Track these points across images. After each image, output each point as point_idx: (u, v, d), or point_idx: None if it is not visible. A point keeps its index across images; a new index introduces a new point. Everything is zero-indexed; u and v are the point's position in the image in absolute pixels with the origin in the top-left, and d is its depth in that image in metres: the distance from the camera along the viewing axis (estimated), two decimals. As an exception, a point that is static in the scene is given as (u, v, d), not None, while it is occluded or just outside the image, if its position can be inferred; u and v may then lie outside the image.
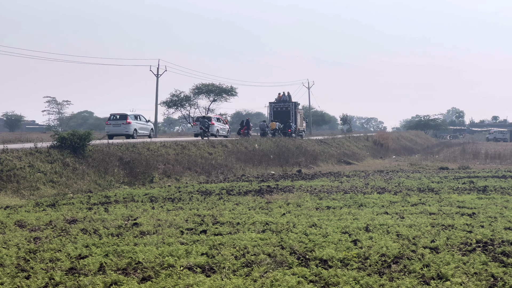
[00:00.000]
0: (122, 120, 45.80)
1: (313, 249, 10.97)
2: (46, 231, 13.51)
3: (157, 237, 12.44)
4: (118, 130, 45.67)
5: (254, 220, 14.62)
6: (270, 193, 22.15)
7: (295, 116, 64.36)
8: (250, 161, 39.59)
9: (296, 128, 63.46)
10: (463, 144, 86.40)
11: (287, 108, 64.29)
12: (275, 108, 64.92)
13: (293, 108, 64.40)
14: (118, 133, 45.65)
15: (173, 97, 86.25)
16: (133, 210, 17.16)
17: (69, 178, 25.30)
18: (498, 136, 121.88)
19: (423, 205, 17.83)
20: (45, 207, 18.55)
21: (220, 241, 11.82)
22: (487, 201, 18.83)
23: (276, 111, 64.67)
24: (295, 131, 62.81)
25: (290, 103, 64.79)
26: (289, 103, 64.78)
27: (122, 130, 45.57)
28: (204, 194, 21.94)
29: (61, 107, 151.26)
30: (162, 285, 8.81)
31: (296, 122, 64.26)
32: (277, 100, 65.79)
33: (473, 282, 8.87)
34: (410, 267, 9.63)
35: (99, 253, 10.83)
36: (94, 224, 14.47)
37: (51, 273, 9.43)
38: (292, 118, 63.60)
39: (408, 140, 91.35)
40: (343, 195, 20.85)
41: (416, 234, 12.45)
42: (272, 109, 65.37)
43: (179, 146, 37.06)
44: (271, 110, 65.66)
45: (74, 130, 30.58)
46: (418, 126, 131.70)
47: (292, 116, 63.84)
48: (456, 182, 26.72)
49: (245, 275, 9.34)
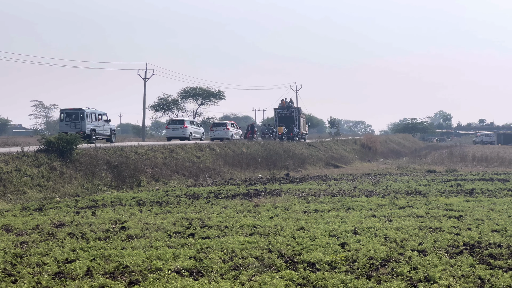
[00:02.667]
0: (180, 125, 51.04)
1: (301, 252, 10.98)
2: (33, 235, 13.45)
3: (144, 240, 12.41)
4: (177, 133, 50.54)
5: (242, 224, 14.61)
6: (258, 196, 22.14)
7: (299, 120, 67.57)
8: (238, 165, 39.58)
9: (300, 132, 66.90)
10: (451, 147, 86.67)
11: (291, 113, 67.66)
12: (280, 114, 68.15)
13: (296, 113, 67.73)
14: (176, 136, 50.28)
15: (160, 100, 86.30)
16: (121, 214, 17.11)
17: (56, 182, 25.20)
18: (485, 139, 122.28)
19: (411, 208, 17.87)
20: (32, 211, 18.47)
21: (208, 245, 11.81)
22: (474, 203, 18.90)
23: (281, 116, 67.87)
24: (299, 134, 66.20)
25: (293, 109, 68.71)
26: (293, 109, 68.67)
27: (180, 133, 50.37)
28: (192, 198, 21.91)
29: (49, 111, 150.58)
30: (149, 289, 8.79)
31: (300, 126, 67.49)
32: (281, 106, 69.21)
33: (460, 284, 8.90)
34: (397, 269, 9.65)
35: (86, 257, 10.79)
36: (82, 228, 14.42)
37: (38, 278, 9.38)
38: (296, 123, 66.81)
39: (396, 143, 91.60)
40: (331, 198, 20.87)
41: (404, 237, 12.48)
42: (277, 114, 68.35)
43: (167, 150, 37.02)
44: (276, 116, 68.59)
45: (62, 134, 30.47)
46: (405, 129, 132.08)
47: (296, 121, 67.05)
48: (443, 185, 26.81)
49: (233, 279, 9.33)
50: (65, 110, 43.14)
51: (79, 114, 41.91)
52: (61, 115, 43.02)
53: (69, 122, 41.95)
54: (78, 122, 41.61)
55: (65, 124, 41.94)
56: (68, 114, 42.47)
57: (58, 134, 30.14)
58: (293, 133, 64.44)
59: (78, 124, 41.53)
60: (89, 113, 42.88)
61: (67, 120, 42.14)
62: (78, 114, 41.93)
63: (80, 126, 41.49)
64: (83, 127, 41.48)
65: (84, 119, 41.73)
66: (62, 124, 42.24)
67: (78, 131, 40.09)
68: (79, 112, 42.03)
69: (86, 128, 41.65)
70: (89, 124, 42.37)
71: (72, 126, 41.54)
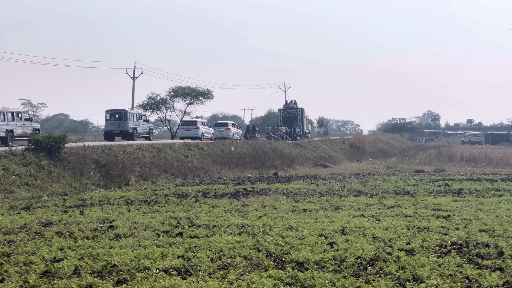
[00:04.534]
0: (193, 125, 53.34)
1: (289, 252, 10.98)
2: (20, 234, 13.40)
3: (133, 239, 12.39)
4: (189, 133, 52.41)
5: (230, 223, 14.61)
6: (246, 196, 22.14)
7: (302, 120, 73.20)
8: (227, 164, 39.59)
9: (303, 131, 72.54)
10: (439, 147, 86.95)
11: (295, 114, 73.43)
12: (284, 114, 74.06)
13: (299, 114, 73.38)
14: (189, 136, 51.74)
15: (149, 100, 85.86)
16: (109, 213, 17.07)
17: (44, 181, 25.12)
18: (473, 139, 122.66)
19: (399, 207, 17.91)
20: (19, 210, 18.41)
21: (196, 244, 11.80)
22: (462, 203, 18.96)
23: (285, 116, 73.65)
24: (301, 133, 71.43)
25: (297, 109, 73.99)
26: (297, 109, 73.99)
27: (192, 134, 52.20)
28: (180, 197, 21.89)
29: (36, 110, 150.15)
30: None
31: (303, 126, 73.25)
32: (285, 107, 75.02)
33: (448, 284, 8.92)
34: (386, 269, 9.67)
35: (74, 256, 10.75)
36: (69, 227, 14.38)
37: (26, 277, 9.35)
38: (299, 123, 72.40)
39: (384, 143, 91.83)
40: (319, 198, 20.89)
41: (392, 237, 12.51)
42: (281, 115, 74.47)
43: (155, 149, 36.98)
44: (280, 116, 74.69)
45: (50, 133, 30.37)
46: (394, 129, 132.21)
47: (299, 121, 72.63)
48: (431, 185, 26.88)
49: (221, 278, 9.32)
50: (110, 111, 47.29)
51: (123, 114, 46.14)
52: (107, 115, 46.90)
53: (114, 121, 46.29)
54: (122, 122, 45.86)
55: (110, 123, 46.44)
56: (112, 114, 46.76)
57: (47, 133, 30.00)
58: (296, 133, 68.84)
59: (122, 123, 45.81)
60: (132, 113, 47.63)
61: (112, 119, 46.48)
62: (122, 114, 46.17)
63: (123, 125, 45.73)
64: (126, 126, 45.69)
65: (127, 119, 45.90)
66: (108, 124, 46.68)
67: (122, 130, 45.73)
68: (123, 113, 46.33)
69: (129, 127, 45.88)
70: (131, 123, 46.54)
71: (117, 125, 46.04)
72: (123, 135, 46.15)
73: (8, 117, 38.58)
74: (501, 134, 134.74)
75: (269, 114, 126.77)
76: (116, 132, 46.51)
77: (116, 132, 46.58)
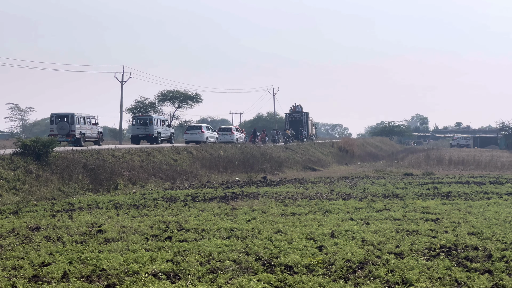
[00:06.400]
0: (198, 130, 54.75)
1: (278, 255, 10.99)
2: (8, 239, 13.35)
3: (121, 244, 12.37)
4: (194, 138, 53.89)
5: (219, 227, 14.62)
6: (235, 199, 22.14)
7: (307, 124, 77.11)
8: (215, 168, 39.55)
9: (308, 134, 76.29)
10: (427, 150, 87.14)
11: (300, 117, 77.03)
12: (290, 118, 77.77)
13: (305, 117, 77.11)
14: (194, 140, 53.63)
15: (138, 103, 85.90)
16: (98, 217, 17.03)
17: (33, 185, 25.03)
18: (462, 142, 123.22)
19: (388, 211, 17.96)
20: (7, 214, 18.33)
21: (185, 248, 11.80)
22: (451, 206, 19.04)
23: (291, 120, 77.45)
24: (307, 136, 75.33)
25: (302, 113, 77.58)
26: (302, 113, 77.57)
27: (197, 138, 53.69)
28: (169, 201, 21.87)
29: (24, 114, 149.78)
30: (126, 292, 8.76)
31: (308, 129, 77.07)
32: (292, 111, 78.73)
33: (437, 287, 8.96)
34: (375, 272, 9.69)
35: (62, 261, 10.73)
36: (58, 231, 14.34)
37: (14, 281, 9.32)
38: (304, 126, 76.20)
39: (373, 147, 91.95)
40: (308, 202, 20.91)
41: (381, 240, 12.54)
42: (287, 118, 78.41)
43: (144, 153, 36.91)
44: (286, 120, 78.72)
45: (38, 137, 30.33)
46: (383, 133, 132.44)
47: (305, 124, 76.46)
48: (420, 188, 26.97)
49: (210, 282, 9.32)
50: (137, 116, 52.73)
51: (148, 120, 50.04)
52: (133, 120, 52.01)
53: (140, 126, 50.07)
54: (147, 127, 49.50)
55: (136, 128, 50.32)
56: (138, 120, 51.17)
57: (35, 137, 29.89)
58: (302, 135, 73.22)
59: (147, 128, 49.43)
60: (156, 119, 51.24)
61: (138, 124, 50.39)
62: (148, 120, 50.09)
63: (149, 129, 49.32)
64: (152, 131, 49.25)
65: (152, 124, 49.43)
66: (134, 128, 50.84)
67: (147, 134, 49.33)
68: (148, 118, 50.47)
69: (154, 131, 49.40)
70: (156, 128, 49.95)
71: (142, 130, 49.72)
72: (149, 139, 49.60)
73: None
74: (489, 137, 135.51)
75: (258, 118, 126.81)
76: (142, 136, 50.00)
77: (142, 136, 49.96)
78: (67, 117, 41.29)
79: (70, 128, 40.66)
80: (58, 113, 42.04)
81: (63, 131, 40.61)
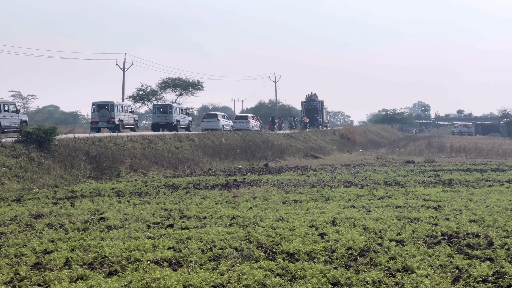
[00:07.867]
0: (214, 118, 57.61)
1: (280, 243, 11.01)
2: (11, 226, 13.38)
3: (123, 231, 12.39)
4: (211, 125, 55.95)
5: (221, 214, 14.63)
6: (237, 187, 22.15)
7: (322, 111, 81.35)
8: (217, 155, 39.52)
9: (323, 121, 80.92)
10: (429, 137, 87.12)
11: (315, 105, 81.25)
12: (306, 106, 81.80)
13: (320, 105, 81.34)
14: (210, 128, 54.88)
15: (139, 91, 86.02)
16: (100, 205, 17.05)
17: (35, 173, 25.03)
18: (463, 129, 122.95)
19: (389, 198, 17.97)
20: (10, 202, 18.36)
21: (187, 235, 11.82)
22: (452, 194, 19.04)
23: (307, 108, 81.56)
24: (322, 123, 79.81)
25: (317, 102, 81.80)
26: (317, 102, 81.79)
27: (214, 126, 55.71)
28: (171, 188, 21.88)
29: (26, 102, 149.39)
30: (128, 279, 8.77)
31: (323, 116, 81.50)
32: (307, 99, 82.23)
33: (438, 274, 8.96)
34: (376, 260, 9.70)
35: (65, 248, 10.75)
36: (60, 219, 14.36)
37: (16, 268, 9.34)
38: (320, 113, 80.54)
39: (374, 134, 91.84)
40: (310, 189, 20.92)
41: (383, 227, 12.55)
42: (304, 106, 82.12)
43: (145, 141, 36.86)
44: (303, 108, 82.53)
45: (40, 124, 30.25)
46: (384, 120, 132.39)
47: (320, 112, 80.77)
48: (422, 175, 26.96)
49: (212, 269, 9.34)
50: (157, 105, 55.26)
51: (168, 109, 52.93)
52: (154, 109, 54.57)
53: (160, 114, 52.76)
54: (167, 115, 52.36)
55: (157, 116, 53.07)
56: (159, 108, 53.69)
57: (37, 125, 29.87)
58: (317, 122, 78.24)
59: (168, 116, 52.31)
60: (176, 108, 54.38)
61: (158, 113, 53.02)
62: (167, 109, 52.98)
63: (169, 118, 52.23)
64: (171, 119, 52.22)
65: (172, 112, 52.40)
66: (155, 116, 53.56)
67: (167, 122, 52.27)
68: (168, 107, 53.36)
69: (173, 119, 52.32)
70: (176, 116, 52.89)
71: (163, 118, 52.53)
72: (169, 127, 52.18)
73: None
74: (491, 125, 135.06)
75: (260, 105, 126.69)
76: (162, 124, 52.74)
77: (162, 124, 52.76)
78: (107, 105, 45.07)
79: (110, 115, 45.10)
80: (99, 102, 45.59)
81: (104, 118, 44.69)
